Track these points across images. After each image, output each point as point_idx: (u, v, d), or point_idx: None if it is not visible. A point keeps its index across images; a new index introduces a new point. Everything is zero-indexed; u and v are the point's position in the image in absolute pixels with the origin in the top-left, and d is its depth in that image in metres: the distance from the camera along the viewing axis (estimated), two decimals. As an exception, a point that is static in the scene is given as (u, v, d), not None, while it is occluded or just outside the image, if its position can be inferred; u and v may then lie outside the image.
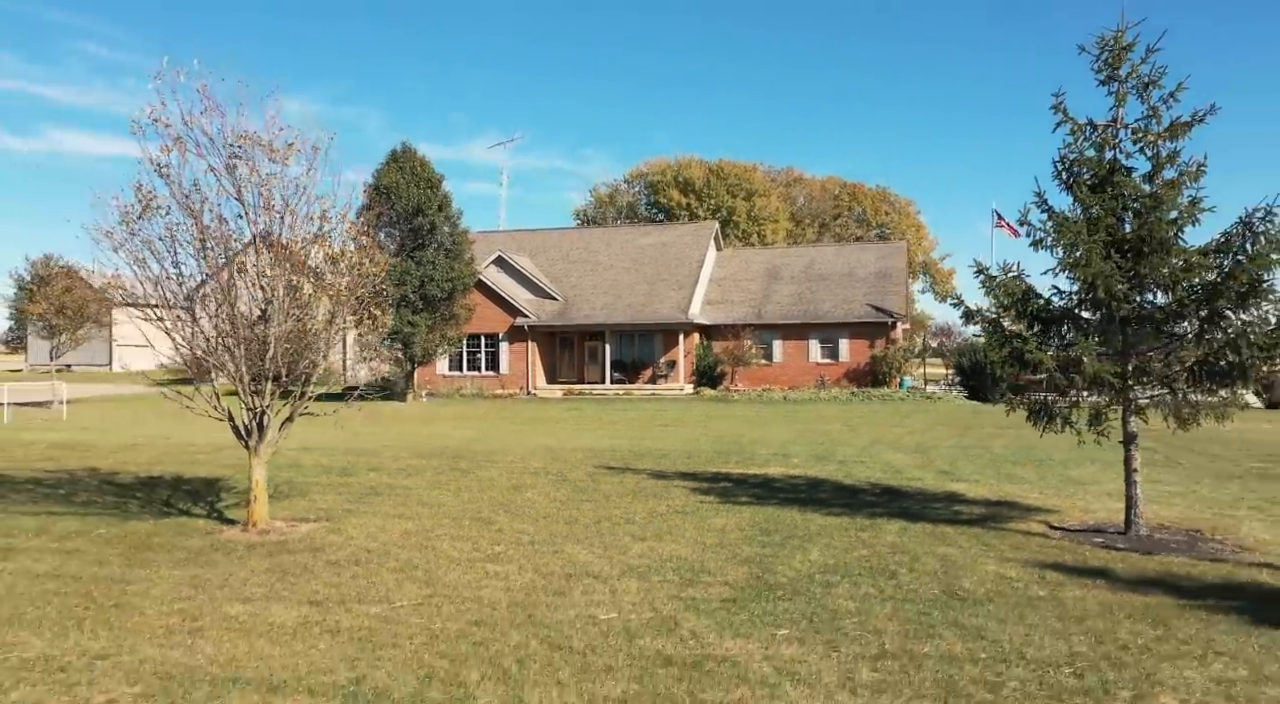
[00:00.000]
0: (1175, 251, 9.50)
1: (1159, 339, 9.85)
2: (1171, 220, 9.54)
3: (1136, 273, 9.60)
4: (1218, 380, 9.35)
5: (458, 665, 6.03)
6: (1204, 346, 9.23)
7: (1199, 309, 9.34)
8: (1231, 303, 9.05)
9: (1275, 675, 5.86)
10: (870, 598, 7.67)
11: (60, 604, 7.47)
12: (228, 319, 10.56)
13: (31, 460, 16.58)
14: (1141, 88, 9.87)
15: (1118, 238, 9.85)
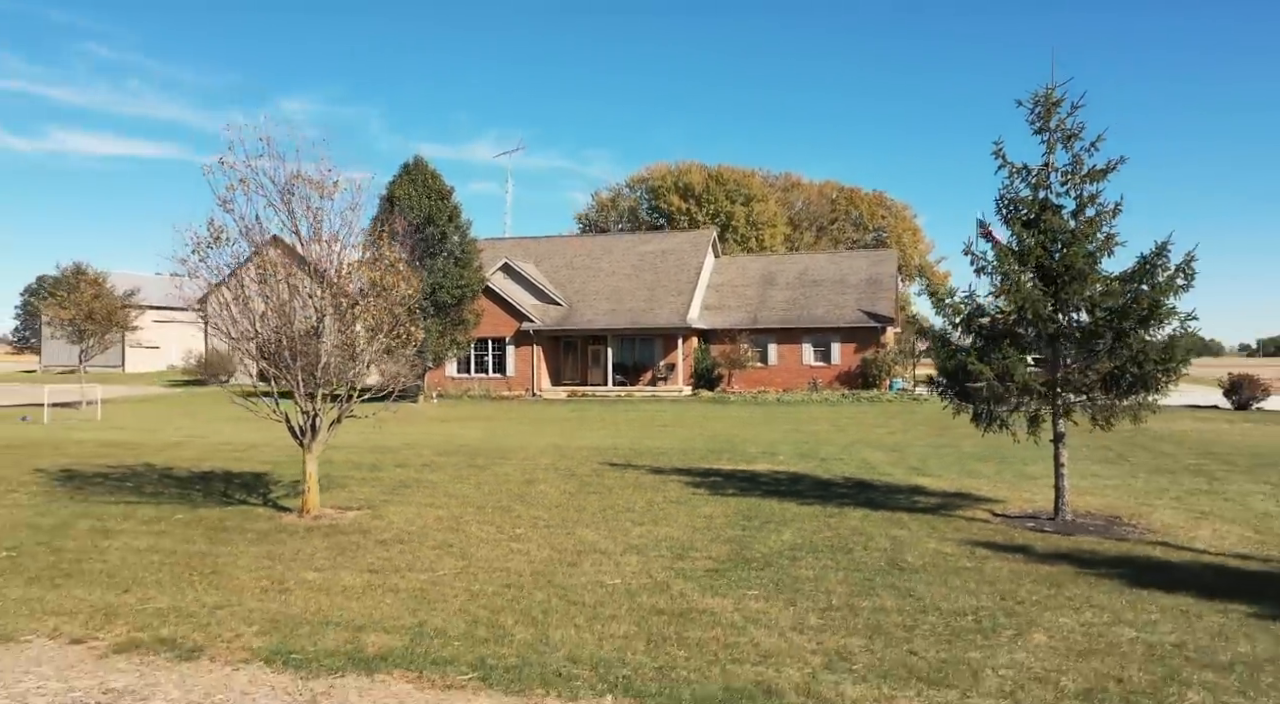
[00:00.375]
0: (1093, 279, 11.22)
1: (1081, 353, 11.56)
2: (1089, 253, 11.25)
3: (1059, 298, 11.32)
4: (1126, 389, 11.06)
5: (496, 614, 7.75)
6: (1114, 360, 10.94)
7: (1111, 329, 11.05)
8: (1135, 324, 10.76)
9: (1129, 621, 7.57)
10: (827, 568, 9.39)
11: (169, 571, 9.20)
12: (285, 337, 12.23)
13: (90, 457, 18.30)
14: (1066, 139, 11.60)
15: (1046, 267, 11.56)
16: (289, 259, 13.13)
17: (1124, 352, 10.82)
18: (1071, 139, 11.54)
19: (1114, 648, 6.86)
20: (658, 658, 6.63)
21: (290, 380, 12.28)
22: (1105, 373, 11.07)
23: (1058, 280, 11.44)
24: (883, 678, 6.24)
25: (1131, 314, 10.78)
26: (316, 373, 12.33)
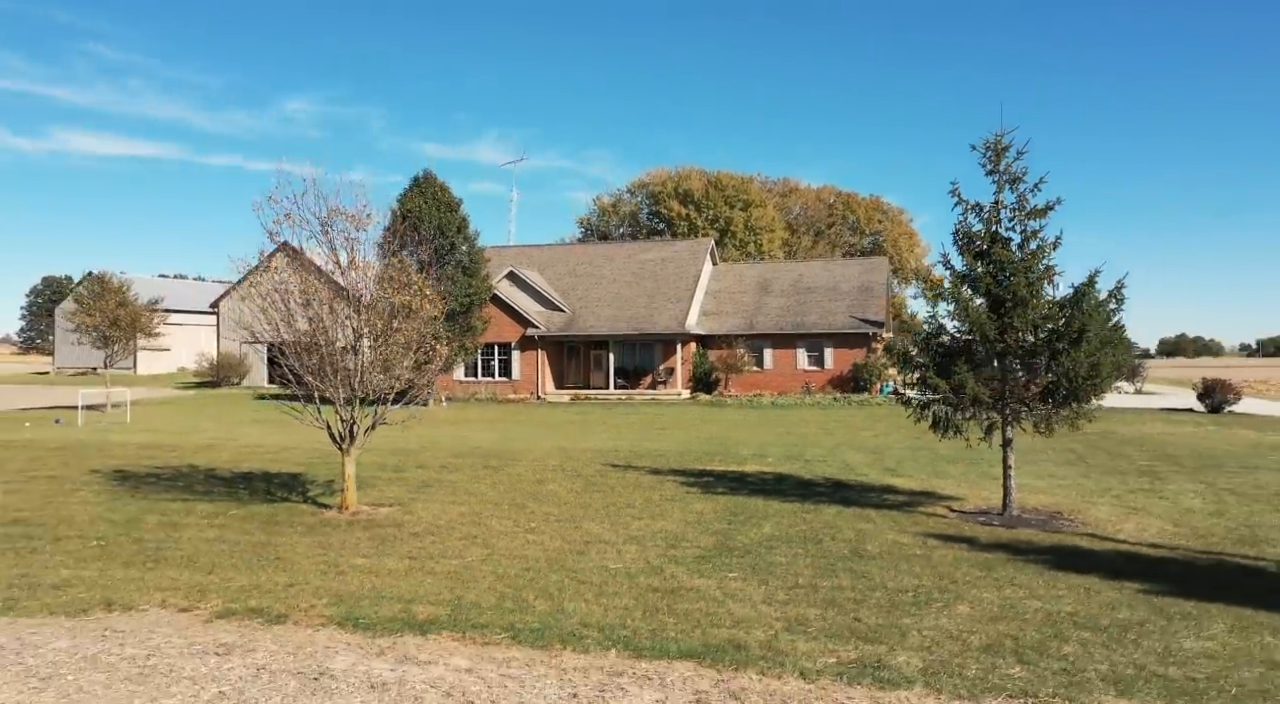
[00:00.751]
0: (1034, 305, 12.85)
1: (1024, 369, 13.19)
2: (1031, 282, 12.88)
3: (1005, 321, 12.96)
4: (1062, 400, 12.70)
5: (519, 591, 9.39)
6: (1049, 376, 12.58)
7: (1049, 348, 12.69)
8: (1068, 345, 12.40)
9: (1040, 596, 9.20)
10: (798, 556, 11.03)
11: (240, 557, 10.85)
12: (326, 354, 13.86)
13: (136, 459, 19.96)
14: (1012, 181, 13.24)
15: (995, 293, 13.20)
16: (320, 279, 14.81)
17: (1058, 368, 12.46)
18: (1016, 181, 13.17)
19: (1020, 615, 8.51)
20: (651, 623, 8.28)
21: (331, 392, 13.90)
22: (1044, 386, 12.70)
23: (1005, 305, 13.07)
24: (830, 638, 7.88)
25: (1065, 336, 12.42)
26: (355, 385, 13.95)
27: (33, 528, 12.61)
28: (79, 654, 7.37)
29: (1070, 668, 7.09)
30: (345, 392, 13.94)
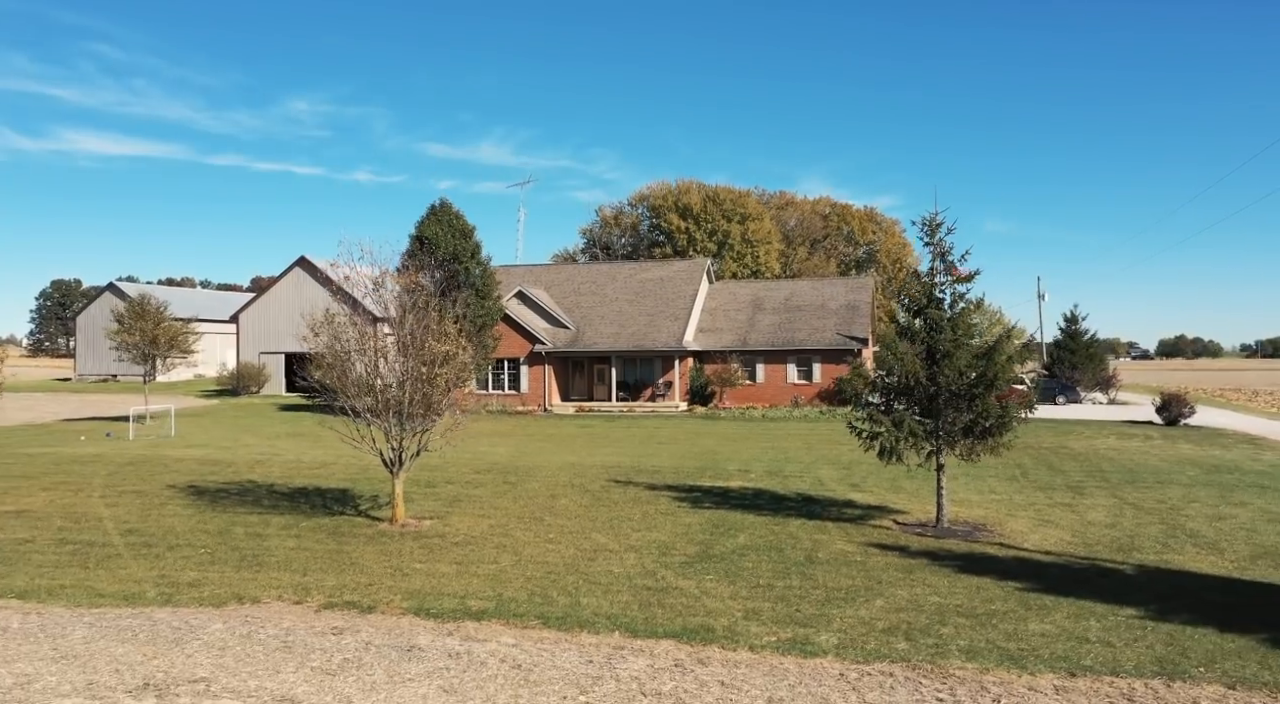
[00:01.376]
0: (958, 357, 15.77)
1: (951, 409, 16.11)
2: (956, 337, 15.81)
3: (936, 369, 15.88)
4: (980, 435, 15.62)
5: (545, 589, 12.32)
6: (970, 415, 15.51)
7: (968, 393, 15.61)
8: (983, 390, 15.33)
9: (941, 592, 12.10)
10: (762, 562, 13.94)
11: (323, 562, 13.79)
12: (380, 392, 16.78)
13: (202, 475, 22.90)
14: (942, 254, 16.17)
15: (930, 345, 16.12)
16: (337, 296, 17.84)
17: (977, 409, 15.39)
18: (946, 254, 16.11)
19: (919, 607, 11.43)
20: (645, 613, 11.21)
21: (383, 425, 16.83)
22: (965, 424, 15.63)
23: (936, 355, 16.00)
24: (775, 623, 10.80)
25: (981, 383, 15.36)
26: (403, 419, 16.88)
27: (148, 537, 15.56)
28: (235, 633, 10.31)
29: (940, 643, 10.02)
30: (395, 424, 16.85)
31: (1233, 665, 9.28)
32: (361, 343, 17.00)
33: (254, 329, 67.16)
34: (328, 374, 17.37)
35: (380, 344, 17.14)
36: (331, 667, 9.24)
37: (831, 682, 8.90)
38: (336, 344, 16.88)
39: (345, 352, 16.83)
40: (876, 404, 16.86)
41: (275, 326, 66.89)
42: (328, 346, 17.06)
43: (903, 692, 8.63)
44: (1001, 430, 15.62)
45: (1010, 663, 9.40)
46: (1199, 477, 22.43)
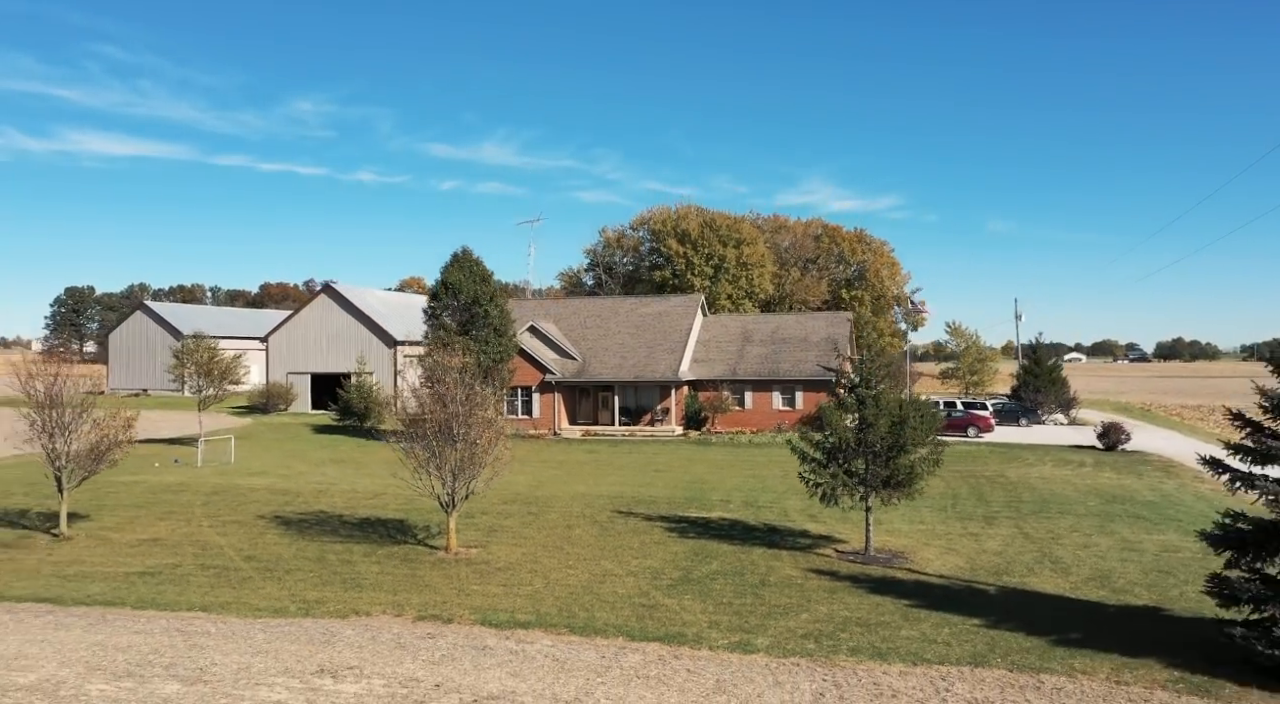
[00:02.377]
0: (878, 426, 20.78)
1: (875, 465, 21.11)
2: (877, 409, 20.81)
3: (864, 433, 20.88)
4: (895, 486, 20.64)
5: (569, 606, 17.32)
6: (887, 470, 20.53)
7: (886, 453, 20.63)
8: (897, 452, 20.34)
9: (850, 606, 17.07)
10: (727, 585, 18.92)
11: (404, 584, 18.78)
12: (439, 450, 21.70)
13: (279, 506, 27.91)
14: (867, 346, 21.18)
15: (862, 416, 21.11)
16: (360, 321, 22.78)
17: (893, 466, 20.40)
18: (870, 346, 21.11)
19: (832, 619, 16.41)
20: (640, 624, 16.20)
21: (442, 475, 21.77)
22: (884, 477, 20.65)
23: (865, 423, 21.00)
24: (730, 630, 15.79)
25: (897, 445, 20.37)
26: (455, 470, 21.85)
27: (266, 563, 20.59)
28: (363, 636, 15.31)
29: (836, 644, 15.01)
30: (449, 476, 21.80)
31: (1020, 657, 14.28)
32: (469, 412, 21.57)
33: (282, 351, 72.15)
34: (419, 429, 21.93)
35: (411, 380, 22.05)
36: (435, 659, 14.26)
37: (759, 670, 13.91)
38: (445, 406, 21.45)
39: (454, 414, 21.48)
40: (820, 459, 21.82)
41: (303, 348, 72.00)
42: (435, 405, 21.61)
43: (802, 675, 13.64)
44: (911, 482, 20.63)
45: (878, 657, 14.40)
46: (1095, 507, 27.41)
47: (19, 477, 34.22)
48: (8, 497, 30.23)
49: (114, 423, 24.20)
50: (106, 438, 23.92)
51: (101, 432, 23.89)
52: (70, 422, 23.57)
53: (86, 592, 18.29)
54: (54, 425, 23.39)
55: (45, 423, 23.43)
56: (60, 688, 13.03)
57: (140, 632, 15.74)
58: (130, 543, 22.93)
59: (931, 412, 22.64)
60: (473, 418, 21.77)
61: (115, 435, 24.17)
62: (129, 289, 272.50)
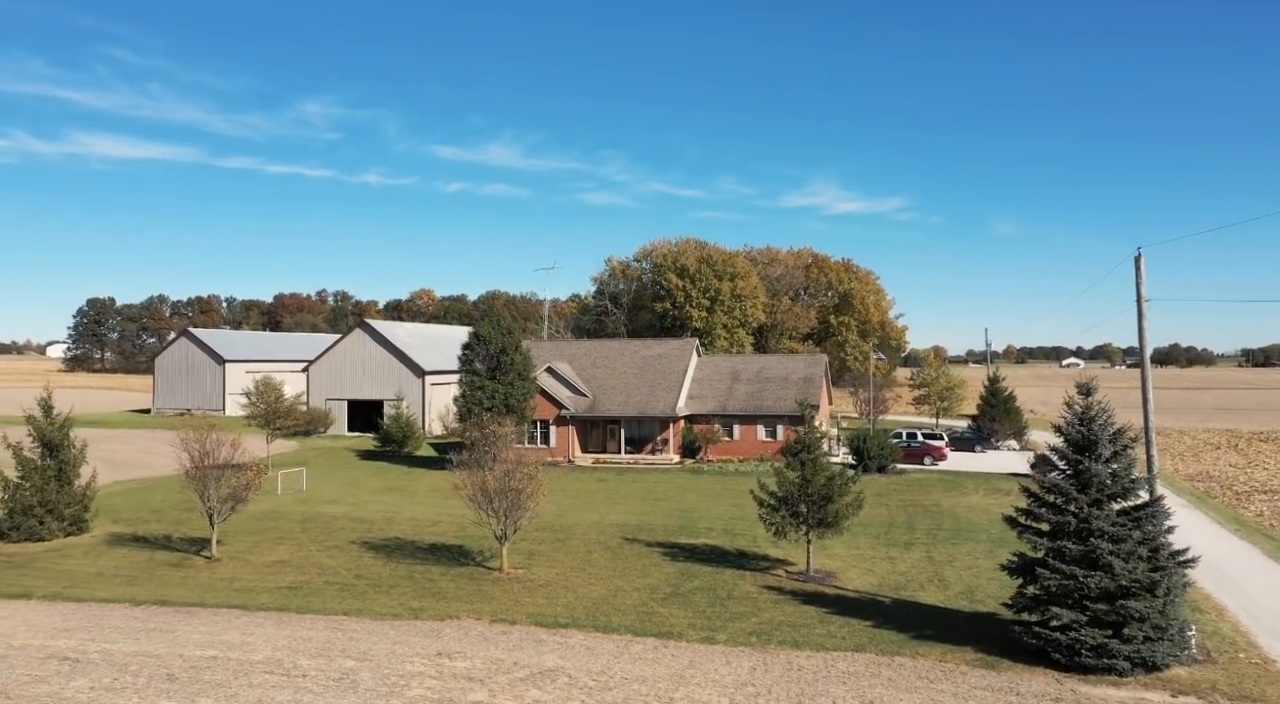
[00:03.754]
0: (815, 482, 28.74)
1: (813, 508, 29.06)
2: (815, 470, 28.78)
3: (806, 486, 28.84)
4: (828, 525, 28.60)
5: (593, 613, 25.27)
6: (821, 513, 28.50)
7: (821, 502, 28.60)
8: (827, 501, 28.31)
9: (787, 614, 24.98)
10: (703, 598, 26.87)
11: (474, 596, 26.74)
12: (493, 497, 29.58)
13: (361, 533, 35.82)
14: (806, 425, 29.20)
15: (801, 474, 29.06)
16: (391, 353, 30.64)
17: (826, 510, 28.36)
18: (806, 422, 29.12)
19: (770, 622, 24.33)
20: (641, 624, 24.16)
21: (498, 518, 29.66)
22: (819, 518, 28.62)
23: (805, 478, 28.93)
24: (701, 629, 23.73)
25: (829, 494, 28.33)
26: (506, 512, 29.75)
27: (373, 581, 28.52)
28: (466, 633, 23.28)
29: (770, 639, 22.92)
30: (502, 516, 29.68)
31: (887, 645, 22.19)
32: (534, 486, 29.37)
33: (322, 379, 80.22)
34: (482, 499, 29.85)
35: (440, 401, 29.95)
36: (509, 646, 22.24)
37: (717, 654, 21.85)
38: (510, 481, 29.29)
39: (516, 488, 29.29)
40: (774, 504, 29.70)
41: (340, 377, 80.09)
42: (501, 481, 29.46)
43: (744, 658, 21.57)
44: (837, 523, 28.57)
45: (795, 646, 22.33)
46: (996, 533, 35.25)
47: (143, 502, 42.31)
48: (144, 523, 38.26)
49: (246, 478, 32.05)
50: (242, 487, 31.83)
51: (239, 482, 31.81)
52: (218, 476, 31.48)
53: (259, 601, 26.28)
54: (207, 479, 31.34)
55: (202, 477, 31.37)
56: (281, 663, 20.97)
57: (310, 628, 23.72)
58: (265, 564, 30.95)
59: (889, 445, 30.51)
60: (518, 472, 29.71)
61: (247, 485, 32.06)
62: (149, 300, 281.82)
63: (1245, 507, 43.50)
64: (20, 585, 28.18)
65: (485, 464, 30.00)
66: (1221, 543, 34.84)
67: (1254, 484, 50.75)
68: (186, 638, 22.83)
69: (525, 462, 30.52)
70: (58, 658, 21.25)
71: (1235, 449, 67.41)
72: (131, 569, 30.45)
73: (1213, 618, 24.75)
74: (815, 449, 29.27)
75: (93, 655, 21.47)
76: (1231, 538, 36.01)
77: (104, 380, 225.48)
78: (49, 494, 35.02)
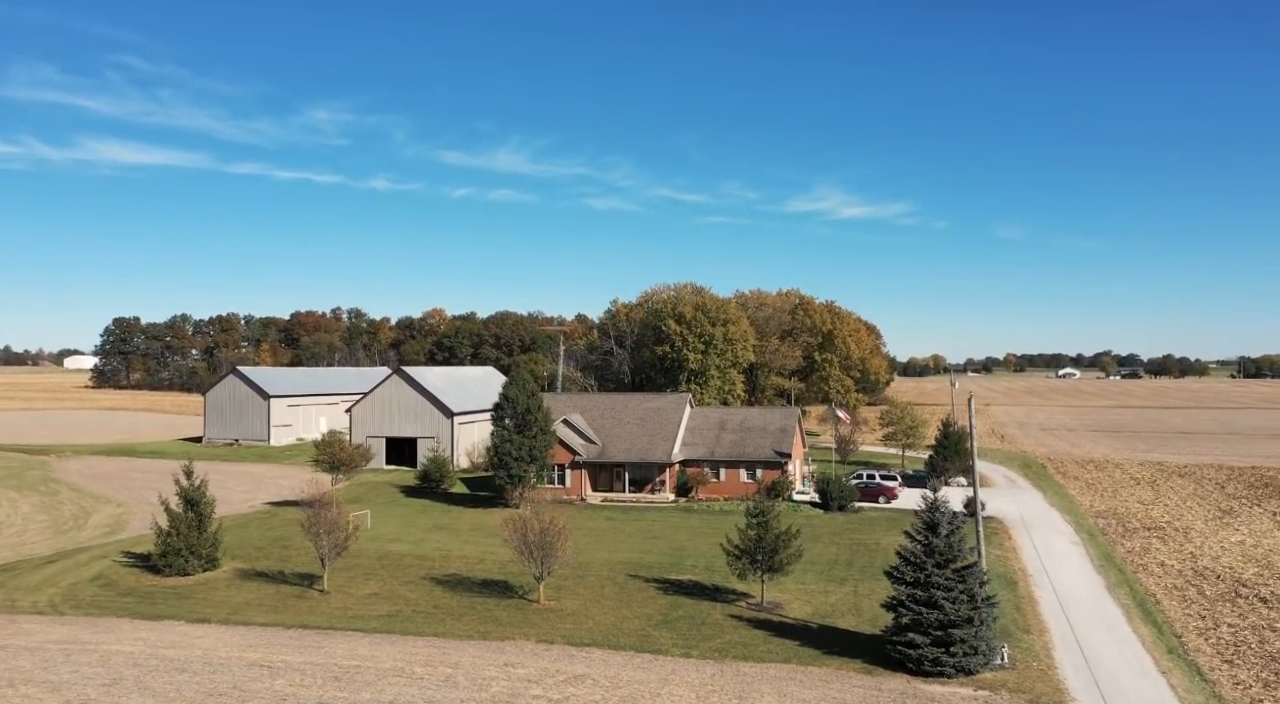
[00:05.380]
0: (767, 537, 39.80)
1: (766, 557, 40.10)
2: (766, 529, 39.89)
3: (760, 539, 39.91)
4: (775, 570, 39.68)
5: (606, 634, 36.34)
6: (771, 561, 39.59)
7: (772, 553, 39.67)
8: (775, 552, 39.40)
9: (742, 636, 36.00)
10: (685, 624, 37.93)
11: (522, 622, 37.82)
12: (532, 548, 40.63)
13: (427, 569, 46.88)
14: (769, 492, 40.37)
15: (757, 533, 40.11)
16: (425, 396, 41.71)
17: (773, 560, 39.42)
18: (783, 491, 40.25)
19: (731, 642, 35.39)
20: (641, 643, 35.24)
21: (536, 564, 40.71)
22: (769, 565, 39.70)
23: (760, 535, 39.96)
24: (682, 646, 34.81)
25: (773, 550, 39.40)
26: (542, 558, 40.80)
27: (449, 610, 39.56)
28: (521, 650, 34.37)
29: (727, 653, 33.95)
30: (539, 563, 40.66)
31: (803, 658, 33.20)
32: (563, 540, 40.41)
33: (364, 419, 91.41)
34: (523, 547, 40.94)
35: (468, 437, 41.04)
36: (552, 659, 33.34)
37: (691, 664, 32.93)
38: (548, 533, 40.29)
39: (550, 542, 40.31)
40: (736, 553, 40.66)
41: (379, 418, 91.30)
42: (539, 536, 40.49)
43: (709, 667, 32.62)
44: (783, 568, 39.59)
45: (744, 659, 33.38)
46: (912, 572, 46.20)
47: (245, 539, 53.46)
48: (257, 559, 49.39)
49: (348, 532, 43.09)
50: (345, 539, 42.87)
51: (344, 534, 42.85)
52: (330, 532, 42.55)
53: (371, 625, 37.33)
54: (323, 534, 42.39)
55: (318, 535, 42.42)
56: (403, 670, 31.97)
57: (414, 646, 34.74)
58: (363, 596, 42.04)
59: (848, 488, 41.70)
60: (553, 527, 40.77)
61: (348, 537, 43.10)
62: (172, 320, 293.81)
63: (1123, 544, 54.51)
64: (197, 612, 39.33)
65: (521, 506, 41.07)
66: (1081, 577, 45.91)
67: (1146, 522, 61.71)
68: (333, 652, 33.94)
69: (557, 523, 41.54)
70: (256, 665, 32.37)
71: (1153, 485, 78.34)
72: (269, 600, 41.57)
73: (1034, 638, 35.81)
74: (769, 514, 40.32)
75: (277, 664, 32.58)
76: (1091, 573, 47.07)
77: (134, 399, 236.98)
78: (191, 538, 46.12)
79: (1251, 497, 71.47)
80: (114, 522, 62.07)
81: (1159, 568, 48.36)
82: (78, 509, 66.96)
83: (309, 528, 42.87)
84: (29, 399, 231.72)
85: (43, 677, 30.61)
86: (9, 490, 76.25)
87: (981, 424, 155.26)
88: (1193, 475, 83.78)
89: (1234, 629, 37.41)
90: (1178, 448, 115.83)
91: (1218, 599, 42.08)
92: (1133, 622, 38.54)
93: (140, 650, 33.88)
